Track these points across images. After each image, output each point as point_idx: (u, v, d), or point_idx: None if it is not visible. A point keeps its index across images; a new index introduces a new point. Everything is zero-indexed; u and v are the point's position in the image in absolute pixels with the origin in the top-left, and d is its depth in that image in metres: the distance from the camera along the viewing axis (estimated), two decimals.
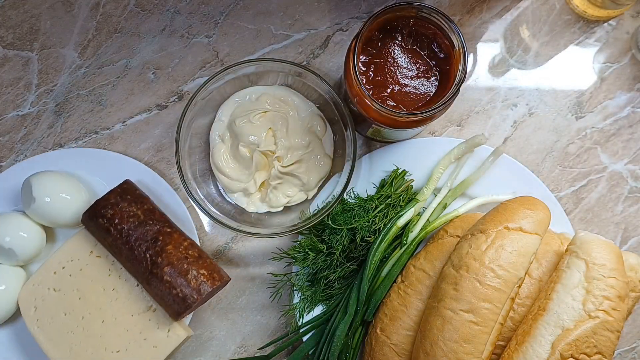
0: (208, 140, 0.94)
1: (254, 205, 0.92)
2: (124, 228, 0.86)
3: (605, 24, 0.98)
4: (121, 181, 0.91)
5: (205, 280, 0.85)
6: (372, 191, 0.93)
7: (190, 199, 0.87)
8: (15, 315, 0.91)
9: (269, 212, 0.92)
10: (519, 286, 0.78)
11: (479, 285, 0.76)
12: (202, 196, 0.89)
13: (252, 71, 0.91)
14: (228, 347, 0.96)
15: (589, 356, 0.75)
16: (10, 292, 0.88)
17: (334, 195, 0.90)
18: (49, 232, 0.94)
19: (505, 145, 0.97)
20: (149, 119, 0.98)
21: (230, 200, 0.93)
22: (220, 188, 0.94)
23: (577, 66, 0.98)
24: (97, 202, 0.87)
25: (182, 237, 0.88)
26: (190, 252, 0.86)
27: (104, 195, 0.88)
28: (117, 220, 0.86)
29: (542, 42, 0.98)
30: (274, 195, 0.92)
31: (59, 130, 0.97)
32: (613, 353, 0.76)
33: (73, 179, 0.91)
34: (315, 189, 0.93)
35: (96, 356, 0.87)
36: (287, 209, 0.93)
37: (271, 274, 0.95)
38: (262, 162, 0.90)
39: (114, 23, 0.99)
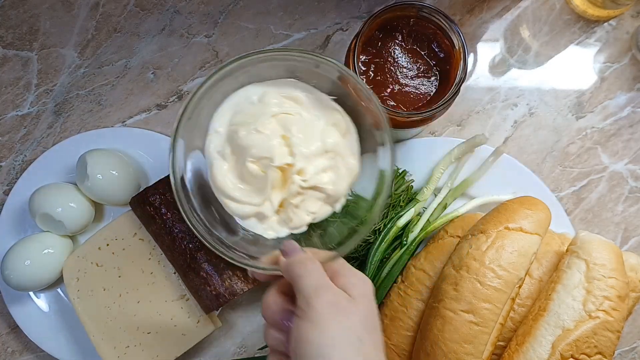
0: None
1: (272, 229, 0.74)
2: (169, 218, 0.89)
3: (606, 24, 0.98)
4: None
5: (238, 281, 0.87)
6: None
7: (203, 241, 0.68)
8: (57, 282, 0.95)
9: (291, 234, 0.74)
10: (520, 286, 0.78)
11: (480, 285, 0.76)
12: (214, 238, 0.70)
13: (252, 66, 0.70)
14: (228, 348, 0.96)
15: (589, 356, 0.75)
16: (57, 257, 0.91)
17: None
18: (98, 207, 0.97)
19: (505, 145, 0.97)
20: (148, 119, 0.98)
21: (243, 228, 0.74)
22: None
23: (577, 66, 0.97)
24: (147, 189, 0.90)
25: None
26: None
27: (154, 183, 0.90)
28: (163, 210, 0.89)
29: (543, 42, 0.98)
30: (295, 214, 0.73)
31: (59, 130, 0.97)
32: (613, 353, 0.76)
33: (125, 160, 0.94)
34: (343, 199, 0.75)
35: (128, 334, 0.91)
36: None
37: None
38: (278, 179, 0.71)
39: (114, 23, 0.99)
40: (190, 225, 0.66)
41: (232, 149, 0.73)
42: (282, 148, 0.71)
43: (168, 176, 0.88)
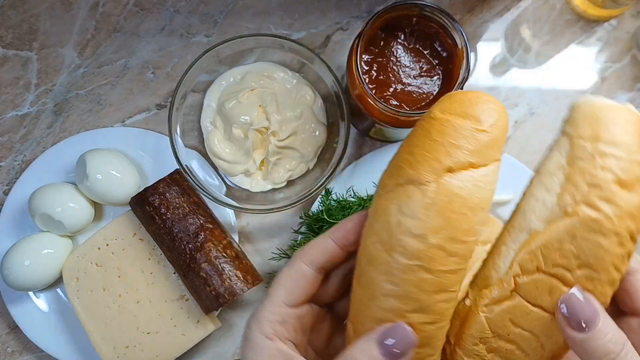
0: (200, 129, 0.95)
1: (257, 184, 0.94)
2: (169, 218, 0.89)
3: (606, 24, 0.98)
4: (171, 167, 0.93)
5: (238, 281, 0.88)
6: (372, 191, 0.93)
7: (201, 193, 0.89)
8: (57, 282, 0.95)
9: (273, 189, 0.94)
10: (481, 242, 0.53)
11: (427, 274, 0.48)
12: (212, 188, 0.91)
13: (232, 51, 0.91)
14: (228, 348, 0.96)
15: (569, 270, 0.48)
16: (56, 257, 0.91)
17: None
18: (98, 207, 0.97)
19: (506, 145, 0.97)
20: (148, 119, 0.98)
21: (232, 185, 0.94)
22: (221, 175, 0.95)
23: (577, 66, 0.98)
24: (147, 189, 0.90)
25: (222, 235, 0.90)
26: (228, 251, 0.89)
27: (154, 183, 0.90)
28: (162, 210, 0.89)
29: (543, 42, 0.98)
30: (275, 171, 0.93)
31: (58, 130, 0.97)
32: (617, 268, 0.49)
33: (125, 159, 0.94)
34: (315, 159, 0.94)
35: (128, 334, 0.91)
36: (290, 182, 0.95)
37: (270, 273, 0.95)
38: (257, 140, 0.91)
39: (113, 22, 0.99)
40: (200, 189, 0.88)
41: (221, 119, 0.93)
42: (260, 115, 0.90)
43: (168, 176, 0.89)
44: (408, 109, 0.81)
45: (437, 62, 0.82)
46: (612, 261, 0.48)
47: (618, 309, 0.53)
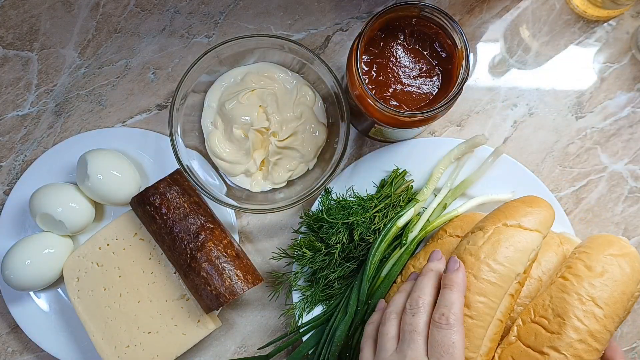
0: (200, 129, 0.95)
1: (257, 185, 0.94)
2: (169, 218, 0.89)
3: (605, 24, 0.98)
4: (171, 167, 0.94)
5: (238, 281, 0.88)
6: (372, 191, 0.93)
7: (201, 192, 0.89)
8: (57, 282, 0.95)
9: (273, 189, 0.94)
10: (520, 283, 0.77)
11: (474, 279, 0.74)
12: (212, 188, 0.91)
13: (234, 51, 0.92)
14: (228, 347, 0.96)
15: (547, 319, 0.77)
16: (57, 257, 0.91)
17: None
18: (98, 207, 0.97)
19: (505, 145, 0.97)
20: (148, 119, 0.98)
21: (233, 185, 0.95)
22: (222, 175, 0.95)
23: (577, 66, 0.98)
24: (147, 189, 0.90)
25: (222, 235, 0.90)
26: (228, 251, 0.89)
27: (154, 183, 0.90)
28: (163, 210, 0.89)
29: (542, 42, 0.98)
30: (276, 171, 0.94)
31: (59, 130, 0.98)
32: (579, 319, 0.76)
33: (126, 160, 0.94)
34: (315, 159, 0.95)
35: (129, 334, 0.91)
36: (290, 182, 0.95)
37: (270, 273, 0.95)
38: (258, 140, 0.92)
39: (114, 23, 0.99)
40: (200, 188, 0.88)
41: (221, 119, 0.93)
42: (260, 115, 0.91)
43: (168, 176, 0.89)
44: (407, 109, 0.81)
45: (436, 62, 0.82)
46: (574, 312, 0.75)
47: None
